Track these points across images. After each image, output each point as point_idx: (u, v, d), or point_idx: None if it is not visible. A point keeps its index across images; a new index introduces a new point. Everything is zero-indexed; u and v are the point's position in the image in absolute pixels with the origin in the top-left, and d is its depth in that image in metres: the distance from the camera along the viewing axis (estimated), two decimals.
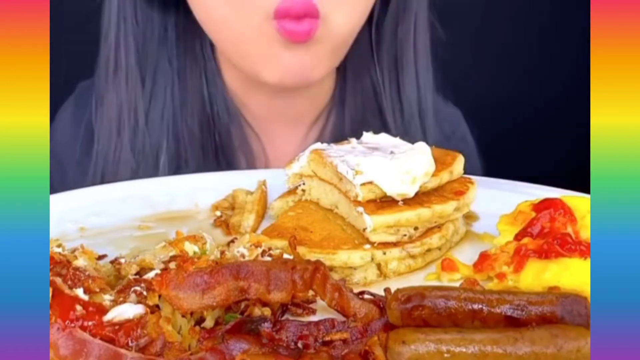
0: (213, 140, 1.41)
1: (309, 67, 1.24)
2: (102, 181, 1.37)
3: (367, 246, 0.92)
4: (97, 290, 0.77)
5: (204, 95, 1.41)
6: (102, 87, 1.41)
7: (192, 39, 1.40)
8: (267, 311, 0.78)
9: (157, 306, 0.75)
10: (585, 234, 0.91)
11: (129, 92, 1.38)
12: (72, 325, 0.69)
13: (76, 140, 1.47)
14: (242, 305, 0.79)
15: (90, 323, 0.70)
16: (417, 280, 0.92)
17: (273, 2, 1.16)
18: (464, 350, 0.66)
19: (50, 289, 0.72)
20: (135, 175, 1.37)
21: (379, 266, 0.93)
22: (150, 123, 1.39)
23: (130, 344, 0.69)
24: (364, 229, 0.93)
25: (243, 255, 0.87)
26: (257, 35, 1.21)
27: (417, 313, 0.72)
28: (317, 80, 1.28)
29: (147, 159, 1.38)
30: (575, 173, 1.39)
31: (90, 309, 0.72)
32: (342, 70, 1.47)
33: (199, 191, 1.14)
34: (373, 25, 1.45)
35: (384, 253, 0.92)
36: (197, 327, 0.75)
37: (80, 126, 1.47)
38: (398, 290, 0.74)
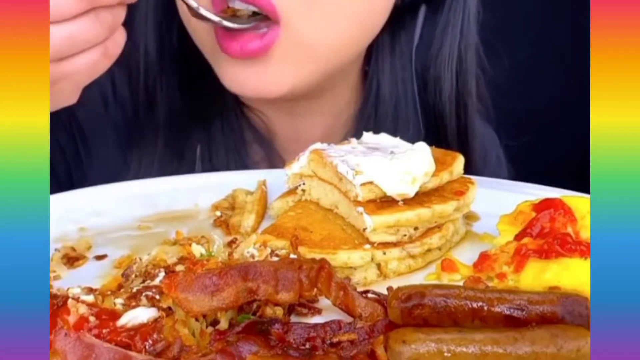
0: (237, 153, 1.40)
1: (263, 81, 1.22)
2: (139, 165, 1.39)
3: (367, 246, 0.92)
4: (109, 292, 0.77)
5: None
6: None
7: None
8: (279, 311, 0.78)
9: (170, 308, 0.74)
10: (585, 234, 0.91)
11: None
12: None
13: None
14: (254, 305, 0.78)
15: (105, 330, 0.70)
16: (417, 280, 0.92)
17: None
18: (464, 349, 0.66)
19: (57, 301, 0.72)
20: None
21: (379, 266, 0.93)
22: None
23: (147, 348, 0.69)
24: (364, 229, 0.93)
25: (253, 256, 0.87)
26: (211, 49, 1.24)
27: (417, 312, 0.72)
28: (280, 94, 1.24)
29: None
30: (575, 173, 1.39)
31: (104, 316, 0.71)
32: (374, 87, 1.43)
33: (199, 191, 1.13)
34: (414, 47, 1.41)
35: (384, 253, 0.92)
36: (208, 329, 0.74)
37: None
38: (398, 289, 0.74)
